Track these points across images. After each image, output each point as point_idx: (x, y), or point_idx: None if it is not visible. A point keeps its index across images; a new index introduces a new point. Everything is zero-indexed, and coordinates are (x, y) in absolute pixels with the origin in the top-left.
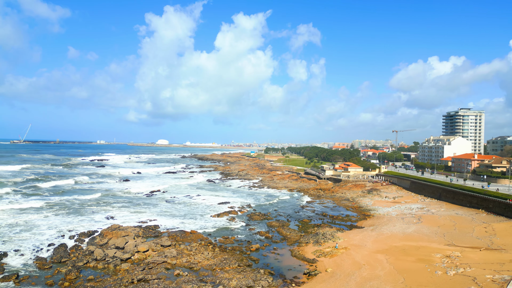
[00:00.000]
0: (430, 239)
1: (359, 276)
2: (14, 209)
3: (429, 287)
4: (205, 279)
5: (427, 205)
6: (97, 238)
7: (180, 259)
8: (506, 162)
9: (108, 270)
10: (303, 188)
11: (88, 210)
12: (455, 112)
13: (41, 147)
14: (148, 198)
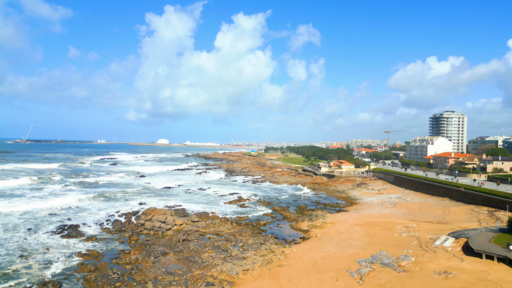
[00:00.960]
0: (398, 217)
1: (339, 238)
2: (67, 197)
3: (386, 242)
4: (230, 239)
5: (405, 195)
6: (141, 216)
7: (208, 229)
8: (477, 159)
9: (158, 235)
10: (301, 182)
11: (122, 199)
12: (440, 115)
13: (46, 146)
14: (168, 190)
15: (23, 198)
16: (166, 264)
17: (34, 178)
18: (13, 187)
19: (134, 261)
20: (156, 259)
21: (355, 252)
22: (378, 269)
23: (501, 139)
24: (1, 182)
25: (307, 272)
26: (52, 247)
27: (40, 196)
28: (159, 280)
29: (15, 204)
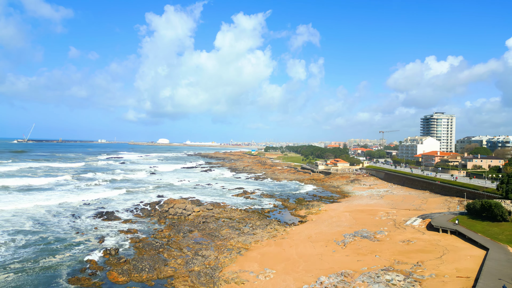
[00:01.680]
0: (382, 206)
1: (330, 221)
2: (96, 191)
3: (368, 223)
4: (241, 222)
5: (392, 189)
6: (164, 205)
7: (222, 215)
8: (459, 157)
9: (181, 219)
10: (299, 179)
11: (141, 192)
12: (430, 116)
13: (50, 146)
14: (179, 186)
15: (59, 192)
16: (193, 237)
17: (70, 176)
18: (52, 183)
19: (168, 236)
20: (184, 234)
21: (342, 230)
22: (358, 240)
23: (485, 138)
24: (40, 179)
25: (304, 242)
26: (99, 227)
27: (70, 190)
28: (190, 247)
29: (52, 197)
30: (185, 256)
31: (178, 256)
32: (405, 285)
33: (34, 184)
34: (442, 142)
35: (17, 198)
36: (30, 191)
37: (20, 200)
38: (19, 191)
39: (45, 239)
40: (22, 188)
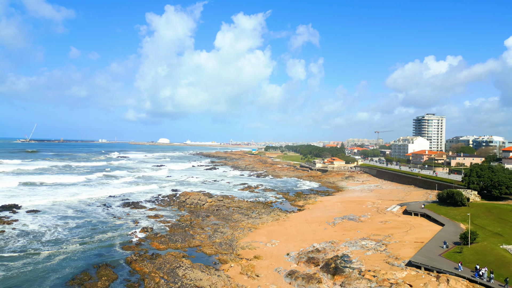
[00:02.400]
0: (370, 198)
1: (324, 209)
2: (116, 186)
3: (355, 210)
4: (248, 209)
5: (382, 184)
6: (180, 197)
7: (231, 204)
8: (445, 156)
9: (197, 208)
10: (298, 176)
11: (157, 186)
12: (422, 117)
13: (53, 146)
14: (189, 182)
15: (85, 187)
16: (211, 221)
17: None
18: (81, 180)
19: (190, 219)
20: (203, 219)
21: (333, 215)
22: (345, 221)
23: (472, 138)
24: (66, 176)
25: (301, 223)
26: (130, 213)
27: (94, 185)
28: (210, 227)
29: (81, 191)
30: (207, 233)
31: (202, 233)
32: (375, 246)
33: (65, 182)
34: (433, 142)
35: (53, 192)
36: (62, 186)
37: (56, 194)
38: (51, 186)
39: (90, 222)
40: (55, 183)
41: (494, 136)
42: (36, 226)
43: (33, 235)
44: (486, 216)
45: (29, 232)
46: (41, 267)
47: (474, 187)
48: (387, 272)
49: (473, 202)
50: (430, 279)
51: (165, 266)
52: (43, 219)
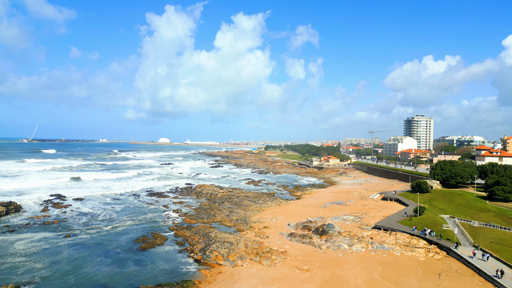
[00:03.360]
0: (358, 189)
1: (318, 197)
2: (137, 180)
3: (343, 198)
4: (255, 198)
5: (370, 179)
6: (196, 188)
7: (240, 194)
8: (429, 154)
9: (212, 196)
10: (297, 172)
11: (172, 180)
12: (412, 118)
13: (58, 145)
14: (198, 177)
15: (116, 182)
16: (226, 206)
17: (119, 171)
18: (114, 176)
19: (208, 204)
20: (219, 204)
21: (325, 201)
22: (334, 205)
23: (456, 138)
24: (96, 173)
25: (299, 206)
26: (159, 201)
27: (118, 180)
28: (226, 210)
29: (111, 185)
30: (224, 213)
31: (220, 213)
32: (353, 219)
33: (91, 178)
34: (422, 141)
35: (87, 185)
36: (92, 181)
37: (91, 187)
38: (81, 181)
39: (129, 207)
40: (82, 179)
41: (475, 136)
42: (88, 209)
43: (90, 215)
44: (441, 199)
45: (86, 213)
46: (112, 233)
47: (437, 178)
48: (358, 232)
49: (435, 189)
50: (385, 234)
51: (200, 232)
52: (90, 205)
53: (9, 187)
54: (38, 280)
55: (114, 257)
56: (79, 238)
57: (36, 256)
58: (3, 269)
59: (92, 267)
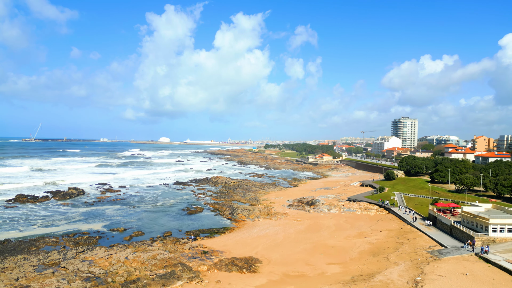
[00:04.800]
0: (344, 179)
1: (311, 185)
2: (161, 173)
3: (330, 185)
4: (261, 186)
5: (357, 172)
6: (212, 179)
7: (249, 183)
8: (409, 152)
9: (227, 184)
10: (294, 168)
11: (189, 173)
12: (398, 119)
13: (62, 145)
14: (211, 171)
15: (147, 176)
16: (239, 190)
17: (158, 167)
18: (145, 172)
19: (226, 190)
20: (234, 189)
21: (316, 187)
22: (323, 190)
23: (436, 137)
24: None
25: (296, 191)
26: (185, 188)
27: (149, 175)
28: (240, 193)
29: (139, 177)
30: (239, 195)
31: (236, 195)
32: (334, 197)
33: (128, 171)
34: (407, 140)
35: (123, 177)
36: (128, 174)
37: (126, 179)
38: (108, 174)
39: (165, 192)
40: (110, 172)
41: (450, 136)
42: (135, 193)
43: (139, 197)
44: (401, 183)
45: (135, 195)
46: (164, 206)
47: (403, 169)
48: (335, 203)
49: (399, 177)
50: (354, 204)
51: (225, 205)
52: (135, 190)
53: (61, 178)
54: (135, 226)
55: (174, 217)
56: (143, 209)
57: (126, 216)
58: (111, 222)
59: (164, 221)
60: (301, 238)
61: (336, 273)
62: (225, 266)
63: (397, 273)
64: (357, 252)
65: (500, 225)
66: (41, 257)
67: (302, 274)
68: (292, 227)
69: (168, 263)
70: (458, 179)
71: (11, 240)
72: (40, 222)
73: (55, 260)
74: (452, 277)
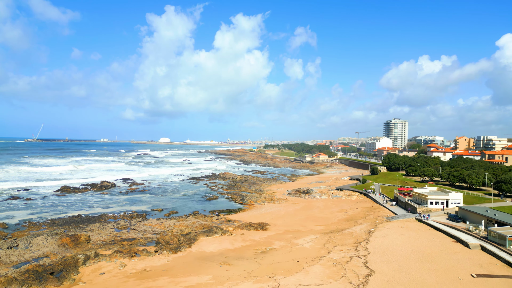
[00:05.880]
0: (337, 175)
1: (307, 180)
2: (173, 170)
3: (324, 179)
4: (263, 180)
5: (350, 169)
6: (221, 175)
7: (253, 178)
8: (397, 151)
9: (233, 179)
10: (293, 166)
11: (198, 170)
12: (390, 121)
13: (65, 145)
14: (217, 168)
15: (151, 171)
16: (245, 184)
17: (168, 166)
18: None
19: (233, 183)
20: (241, 183)
21: (312, 181)
22: (317, 183)
23: (423, 138)
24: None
25: (294, 184)
26: (198, 182)
27: (162, 171)
28: (246, 186)
29: (155, 173)
30: (246, 187)
31: (243, 187)
32: (325, 187)
33: (143, 168)
34: (398, 140)
35: (140, 172)
36: (143, 170)
37: (143, 174)
38: (125, 171)
39: (183, 185)
40: (127, 170)
41: (436, 136)
42: (157, 185)
43: (162, 188)
44: (382, 177)
45: (158, 187)
46: (186, 195)
47: (385, 165)
48: (326, 192)
49: (382, 172)
50: (340, 191)
51: (236, 193)
52: (156, 183)
53: (87, 174)
54: (169, 207)
55: (197, 202)
56: (170, 197)
57: (159, 201)
58: (150, 205)
59: (190, 204)
60: (297, 213)
61: (320, 229)
62: (245, 227)
63: (359, 228)
64: (336, 219)
65: (435, 200)
66: (113, 224)
67: (297, 230)
68: (291, 207)
69: (205, 226)
70: (422, 171)
71: (82, 215)
72: (96, 205)
73: (124, 225)
74: (393, 228)
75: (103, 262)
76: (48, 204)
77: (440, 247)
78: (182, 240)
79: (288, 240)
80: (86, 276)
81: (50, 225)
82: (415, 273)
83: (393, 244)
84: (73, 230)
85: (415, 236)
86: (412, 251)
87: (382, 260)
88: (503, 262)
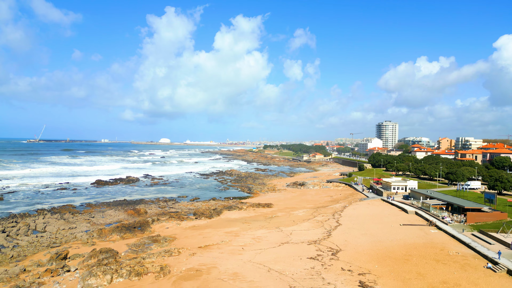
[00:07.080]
0: (330, 172)
1: (303, 176)
2: (182, 168)
3: (317, 174)
4: (265, 176)
5: (342, 167)
6: (228, 172)
7: (256, 175)
8: (386, 151)
9: (238, 175)
10: (291, 164)
11: (206, 168)
12: (381, 123)
13: (76, 146)
14: (221, 166)
15: (174, 171)
16: (249, 179)
17: (175, 164)
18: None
19: (239, 179)
20: (246, 178)
21: (307, 177)
22: (312, 178)
23: (411, 139)
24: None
25: (292, 179)
26: (208, 177)
27: (175, 170)
28: (251, 180)
29: (167, 171)
30: (251, 182)
31: (248, 182)
32: (318, 181)
33: (155, 167)
34: (389, 141)
35: (154, 170)
36: (156, 169)
37: (157, 172)
38: (141, 169)
39: (196, 180)
40: (147, 167)
41: (422, 137)
42: (174, 180)
43: (180, 182)
44: (367, 172)
45: (176, 181)
46: (203, 187)
47: (371, 163)
48: (318, 184)
49: (367, 168)
50: (329, 183)
51: (243, 186)
52: (172, 178)
53: (112, 171)
54: (193, 195)
55: (213, 191)
56: (189, 188)
57: (182, 191)
58: (176, 194)
59: (208, 193)
60: (294, 198)
61: (311, 207)
62: (255, 206)
63: (339, 205)
64: (323, 201)
65: (397, 186)
66: (155, 204)
67: (294, 207)
68: (289, 195)
69: (225, 205)
70: (396, 167)
71: (126, 199)
72: (134, 193)
73: (164, 205)
74: (362, 205)
75: (163, 223)
76: (94, 192)
77: (388, 213)
78: (212, 212)
79: (288, 212)
80: (157, 229)
81: (107, 206)
82: (366, 224)
83: (358, 212)
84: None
85: (375, 209)
86: (369, 215)
87: (348, 220)
88: (423, 218)
